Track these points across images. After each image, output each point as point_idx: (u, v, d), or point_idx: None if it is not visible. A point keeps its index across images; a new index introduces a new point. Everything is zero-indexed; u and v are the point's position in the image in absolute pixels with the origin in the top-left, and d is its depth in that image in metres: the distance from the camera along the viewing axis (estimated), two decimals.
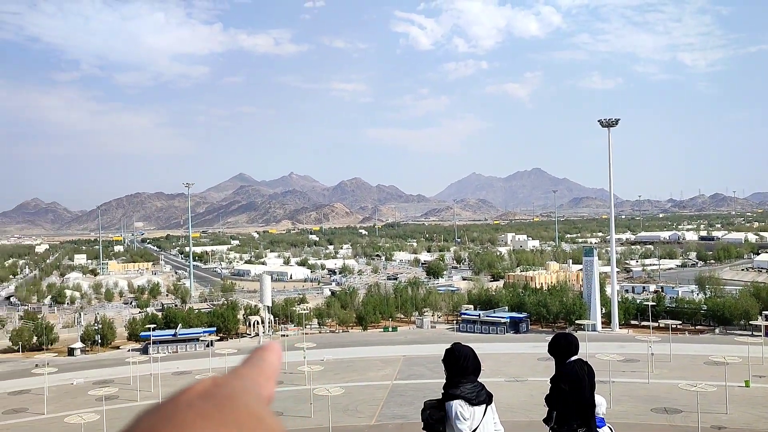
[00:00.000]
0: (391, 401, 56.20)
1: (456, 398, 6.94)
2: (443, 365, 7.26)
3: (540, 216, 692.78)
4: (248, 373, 1.11)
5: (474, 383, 7.04)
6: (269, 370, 1.11)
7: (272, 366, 1.12)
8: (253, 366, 1.12)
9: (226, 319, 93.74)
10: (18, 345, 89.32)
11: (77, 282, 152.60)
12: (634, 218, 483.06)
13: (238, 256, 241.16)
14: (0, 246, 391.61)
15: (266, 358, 1.12)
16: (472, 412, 6.90)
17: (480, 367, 7.23)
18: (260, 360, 1.12)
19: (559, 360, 8.51)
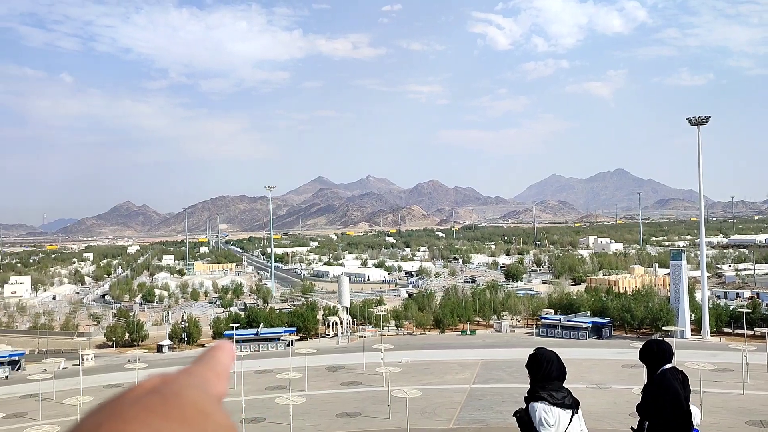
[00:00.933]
0: (469, 405, 55.62)
1: (540, 402, 6.72)
2: (526, 370, 7.06)
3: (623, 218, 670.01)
4: (199, 371, 1.11)
5: (559, 389, 6.80)
6: (220, 369, 1.12)
7: (223, 365, 1.12)
8: (205, 364, 1.12)
9: (305, 319, 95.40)
10: (112, 341, 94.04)
11: (165, 282, 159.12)
12: (726, 220, 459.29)
13: (317, 258, 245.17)
14: (96, 247, 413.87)
15: (218, 357, 1.13)
16: (557, 418, 6.66)
17: (565, 372, 6.98)
18: (212, 359, 1.12)
19: (652, 368, 8.11)
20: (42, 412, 56.76)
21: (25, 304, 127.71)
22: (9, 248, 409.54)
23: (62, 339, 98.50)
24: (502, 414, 51.35)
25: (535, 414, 6.67)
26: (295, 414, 49.54)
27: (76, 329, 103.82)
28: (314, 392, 60.94)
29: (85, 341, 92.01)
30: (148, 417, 1.11)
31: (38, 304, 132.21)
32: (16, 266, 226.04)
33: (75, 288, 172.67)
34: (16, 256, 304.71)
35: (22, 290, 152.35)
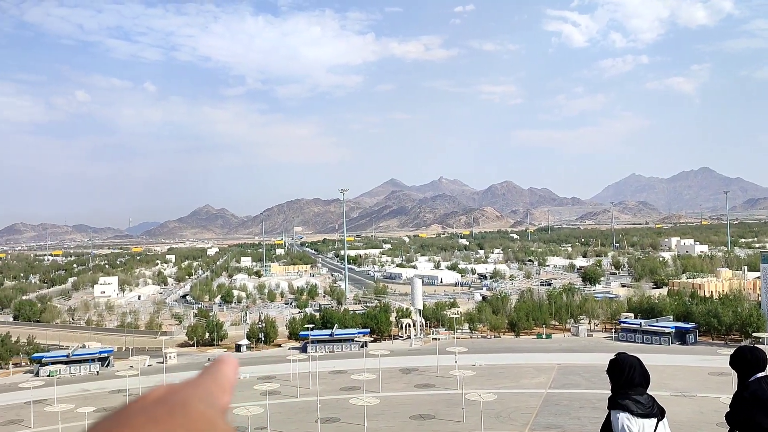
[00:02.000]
0: (546, 410, 54.46)
1: (623, 410, 6.44)
2: (607, 375, 6.78)
3: (709, 219, 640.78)
4: (204, 383, 1.14)
5: (643, 395, 6.51)
6: (224, 382, 1.14)
7: (228, 378, 1.15)
8: (209, 377, 1.14)
9: (379, 320, 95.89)
10: (193, 340, 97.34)
11: (243, 283, 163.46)
12: None
13: (390, 260, 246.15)
14: (177, 249, 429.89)
15: (222, 370, 1.15)
16: (641, 425, 6.36)
17: (649, 379, 6.66)
18: (216, 372, 1.15)
19: (743, 375, 7.66)
20: None
21: (113, 303, 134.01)
22: (98, 250, 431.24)
23: (147, 338, 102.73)
24: (580, 420, 50.02)
25: (618, 422, 6.39)
26: (369, 415, 49.85)
27: (160, 328, 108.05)
28: (388, 394, 61.13)
29: (168, 340, 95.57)
30: (154, 427, 1.14)
31: (125, 304, 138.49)
32: (104, 268, 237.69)
33: (158, 289, 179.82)
34: (104, 258, 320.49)
35: (110, 290, 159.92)
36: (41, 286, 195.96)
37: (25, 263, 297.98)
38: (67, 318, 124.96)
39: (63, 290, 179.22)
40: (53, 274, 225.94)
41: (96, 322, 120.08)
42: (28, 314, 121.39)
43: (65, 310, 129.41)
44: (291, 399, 61.58)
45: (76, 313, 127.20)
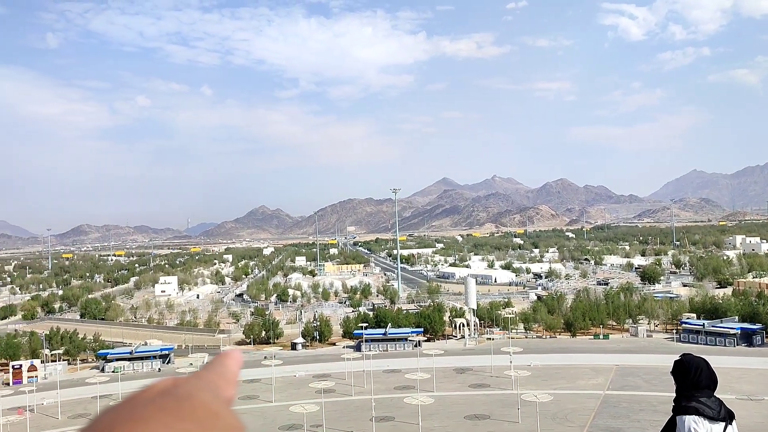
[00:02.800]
0: (604, 412, 53.35)
1: (689, 413, 6.24)
2: (672, 377, 6.60)
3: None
4: (209, 376, 1.17)
5: (710, 398, 6.30)
6: (229, 375, 1.17)
7: (232, 371, 1.18)
8: (214, 370, 1.18)
9: (432, 320, 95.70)
10: (250, 338, 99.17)
11: (298, 282, 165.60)
12: None
13: (443, 259, 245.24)
14: (234, 249, 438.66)
15: (227, 363, 1.18)
16: (708, 430, 6.17)
17: (716, 381, 6.44)
18: (221, 365, 1.18)
19: None
20: None
21: (172, 302, 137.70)
22: (158, 251, 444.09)
23: (205, 335, 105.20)
24: (640, 423, 48.81)
25: (684, 426, 6.21)
26: (424, 414, 49.82)
27: (218, 326, 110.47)
28: (442, 393, 60.97)
29: (225, 338, 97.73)
30: (162, 417, 1.16)
31: (184, 303, 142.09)
32: (164, 267, 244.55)
33: (216, 288, 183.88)
34: (164, 258, 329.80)
35: (170, 290, 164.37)
36: (105, 285, 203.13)
37: (91, 263, 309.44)
38: (130, 316, 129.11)
39: (126, 289, 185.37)
40: (116, 273, 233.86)
41: (157, 320, 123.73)
42: (94, 312, 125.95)
43: (128, 309, 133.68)
44: (346, 397, 62.08)
45: (138, 311, 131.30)
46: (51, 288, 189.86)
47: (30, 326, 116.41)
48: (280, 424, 53.74)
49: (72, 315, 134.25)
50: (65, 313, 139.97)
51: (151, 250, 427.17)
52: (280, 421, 54.73)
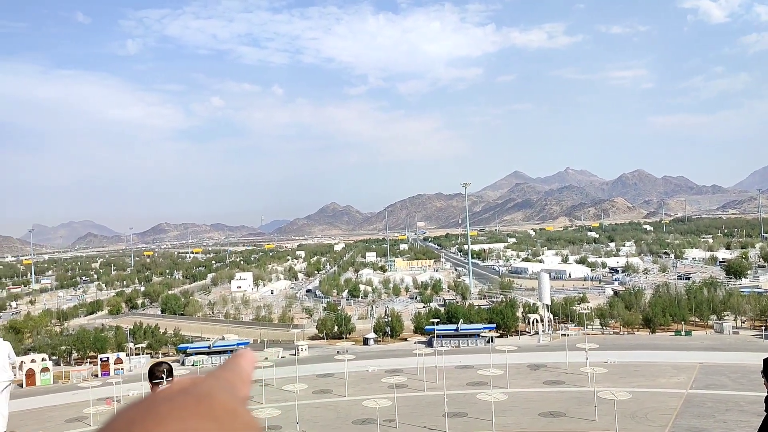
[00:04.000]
0: (687, 412, 51.26)
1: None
2: (763, 377, 6.17)
3: None
4: (225, 375, 1.19)
5: None
6: (244, 375, 1.19)
7: (246, 371, 1.20)
8: (230, 370, 1.19)
9: (505, 316, 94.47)
10: (323, 333, 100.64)
11: (369, 278, 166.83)
12: None
13: (515, 254, 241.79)
14: (306, 245, 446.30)
15: (241, 363, 1.20)
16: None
17: None
18: (235, 365, 1.20)
19: None
20: (265, 396, 62.35)
21: (248, 298, 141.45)
22: (234, 248, 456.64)
23: (280, 330, 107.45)
24: (726, 424, 46.68)
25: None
26: (497, 411, 49.21)
27: (292, 321, 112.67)
28: (516, 390, 60.10)
29: (299, 333, 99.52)
30: (181, 414, 1.19)
31: (259, 298, 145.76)
32: (240, 264, 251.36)
33: (290, 283, 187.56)
34: (240, 255, 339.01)
35: (246, 285, 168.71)
36: (184, 281, 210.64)
37: (170, 260, 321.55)
38: (208, 311, 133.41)
39: (203, 285, 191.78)
40: (194, 270, 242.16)
41: (233, 315, 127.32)
42: (174, 308, 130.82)
43: (206, 304, 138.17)
44: (418, 393, 62.08)
45: (215, 306, 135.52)
46: (134, 284, 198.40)
47: (115, 321, 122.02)
48: (354, 418, 54.25)
49: (153, 310, 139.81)
50: (147, 308, 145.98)
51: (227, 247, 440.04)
52: (353, 415, 55.26)
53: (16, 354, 14.76)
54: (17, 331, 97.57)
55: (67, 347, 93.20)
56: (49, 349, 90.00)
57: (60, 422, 58.70)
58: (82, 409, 59.89)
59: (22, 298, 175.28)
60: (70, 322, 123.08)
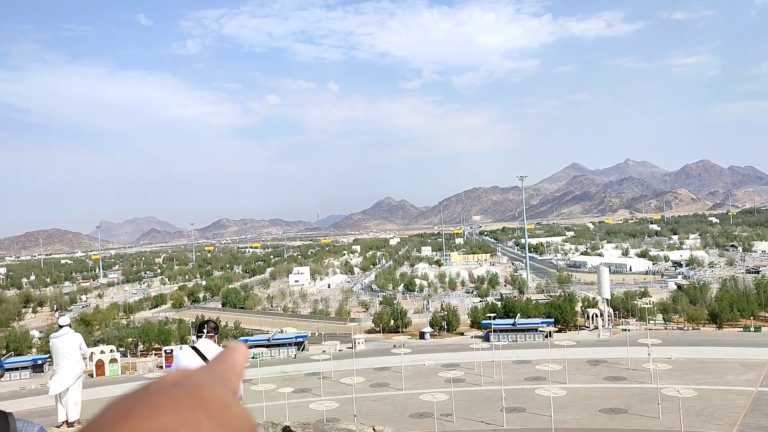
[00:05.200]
0: (757, 410, 49.40)
1: None
2: None
3: None
4: (217, 368, 1.20)
5: None
6: (236, 368, 1.20)
7: (238, 364, 1.21)
8: (222, 363, 1.20)
9: (563, 310, 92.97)
10: (379, 327, 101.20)
11: (424, 272, 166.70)
12: None
13: (574, 248, 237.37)
14: (362, 240, 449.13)
15: (234, 357, 1.21)
16: None
17: None
18: (229, 359, 1.21)
19: None
20: (323, 388, 63.19)
21: (305, 292, 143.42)
22: (291, 242, 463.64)
23: (337, 324, 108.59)
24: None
25: None
26: (556, 406, 48.51)
27: (348, 315, 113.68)
28: (575, 385, 59.12)
29: (356, 326, 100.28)
30: (175, 406, 1.19)
31: (316, 292, 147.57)
32: (297, 258, 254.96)
33: (346, 277, 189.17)
34: (297, 250, 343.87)
35: (303, 279, 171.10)
36: (244, 275, 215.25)
37: (230, 255, 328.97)
38: (267, 305, 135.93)
39: (262, 279, 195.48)
40: (253, 264, 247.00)
41: (291, 308, 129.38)
42: (234, 301, 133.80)
43: (265, 298, 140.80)
44: (475, 387, 61.78)
45: (274, 300, 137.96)
46: (195, 279, 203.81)
47: (178, 314, 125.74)
48: (411, 412, 54.40)
49: (214, 304, 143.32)
50: (208, 302, 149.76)
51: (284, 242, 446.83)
52: (410, 408, 55.42)
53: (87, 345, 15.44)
54: (87, 324, 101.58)
55: (133, 339, 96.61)
56: (116, 340, 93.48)
57: None
58: None
59: (91, 291, 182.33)
60: (135, 315, 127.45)
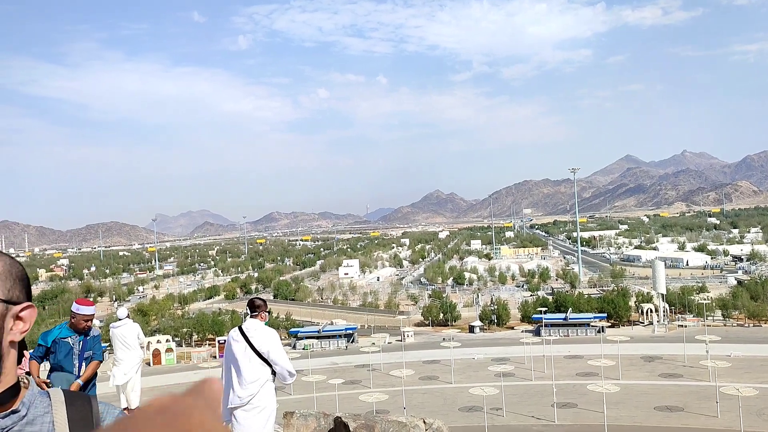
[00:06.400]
0: None
1: None
2: None
3: None
4: (199, 396, 1.24)
5: None
6: (213, 397, 1.24)
7: (216, 395, 1.24)
8: (201, 392, 1.24)
9: (616, 305, 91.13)
10: (428, 320, 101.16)
11: (474, 265, 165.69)
12: None
13: (627, 241, 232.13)
14: (411, 233, 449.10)
15: (211, 387, 1.24)
16: None
17: None
18: (206, 389, 1.24)
19: None
20: (372, 380, 63.56)
21: (355, 284, 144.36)
22: (341, 235, 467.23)
23: (386, 316, 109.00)
24: None
25: None
26: (609, 403, 47.62)
27: (397, 308, 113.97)
28: (629, 382, 57.90)
29: (405, 319, 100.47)
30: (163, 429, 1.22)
31: (365, 285, 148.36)
32: (347, 251, 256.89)
33: (395, 270, 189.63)
34: (346, 243, 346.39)
35: (353, 272, 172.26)
36: (294, 268, 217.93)
37: (281, 248, 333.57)
38: (317, 297, 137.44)
39: (312, 272, 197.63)
40: (304, 257, 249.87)
41: (341, 301, 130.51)
42: (285, 293, 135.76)
43: (315, 290, 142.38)
44: (525, 382, 61.17)
45: (324, 292, 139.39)
46: (247, 271, 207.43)
47: (231, 305, 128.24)
48: (460, 405, 54.24)
49: (266, 295, 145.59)
50: (260, 293, 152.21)
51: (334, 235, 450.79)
52: (459, 402, 55.27)
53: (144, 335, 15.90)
54: (144, 314, 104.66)
55: (188, 329, 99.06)
56: (172, 330, 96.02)
57: None
58: None
59: (147, 282, 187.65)
60: (190, 306, 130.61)
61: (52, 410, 1.67)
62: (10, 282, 1.61)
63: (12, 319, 1.61)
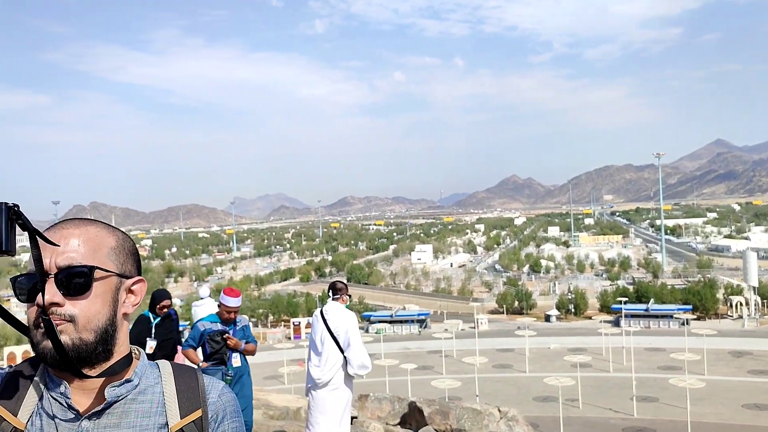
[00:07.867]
0: None
1: None
2: None
3: None
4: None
5: None
6: None
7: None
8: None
9: (702, 297, 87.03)
10: (503, 307, 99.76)
11: (551, 253, 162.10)
12: None
13: (716, 230, 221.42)
14: (486, 219, 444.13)
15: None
16: None
17: None
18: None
19: None
20: (445, 367, 63.17)
21: (428, 270, 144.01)
22: (414, 220, 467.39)
23: (459, 303, 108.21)
24: None
25: None
26: (693, 398, 45.46)
27: (471, 294, 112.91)
28: (714, 377, 55.14)
29: (478, 306, 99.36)
30: None
31: (438, 271, 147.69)
32: (420, 236, 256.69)
33: (469, 257, 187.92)
34: (419, 228, 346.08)
35: (426, 258, 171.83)
36: (368, 252, 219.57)
37: (355, 232, 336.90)
38: (390, 281, 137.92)
39: (385, 256, 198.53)
40: (377, 241, 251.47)
41: (414, 286, 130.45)
42: (358, 277, 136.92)
43: (388, 275, 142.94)
44: (603, 373, 59.31)
45: (397, 277, 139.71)
46: (322, 254, 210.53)
47: (306, 288, 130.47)
48: (535, 395, 53.15)
49: (340, 278, 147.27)
50: (334, 276, 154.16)
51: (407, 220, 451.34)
52: (534, 391, 54.15)
53: None
54: None
55: (263, 311, 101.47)
56: (248, 311, 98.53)
57: (259, 379, 64.05)
58: (277, 368, 64.73)
59: (225, 264, 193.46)
60: (266, 288, 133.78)
61: (161, 381, 1.75)
62: (123, 256, 1.68)
63: (125, 292, 1.68)
